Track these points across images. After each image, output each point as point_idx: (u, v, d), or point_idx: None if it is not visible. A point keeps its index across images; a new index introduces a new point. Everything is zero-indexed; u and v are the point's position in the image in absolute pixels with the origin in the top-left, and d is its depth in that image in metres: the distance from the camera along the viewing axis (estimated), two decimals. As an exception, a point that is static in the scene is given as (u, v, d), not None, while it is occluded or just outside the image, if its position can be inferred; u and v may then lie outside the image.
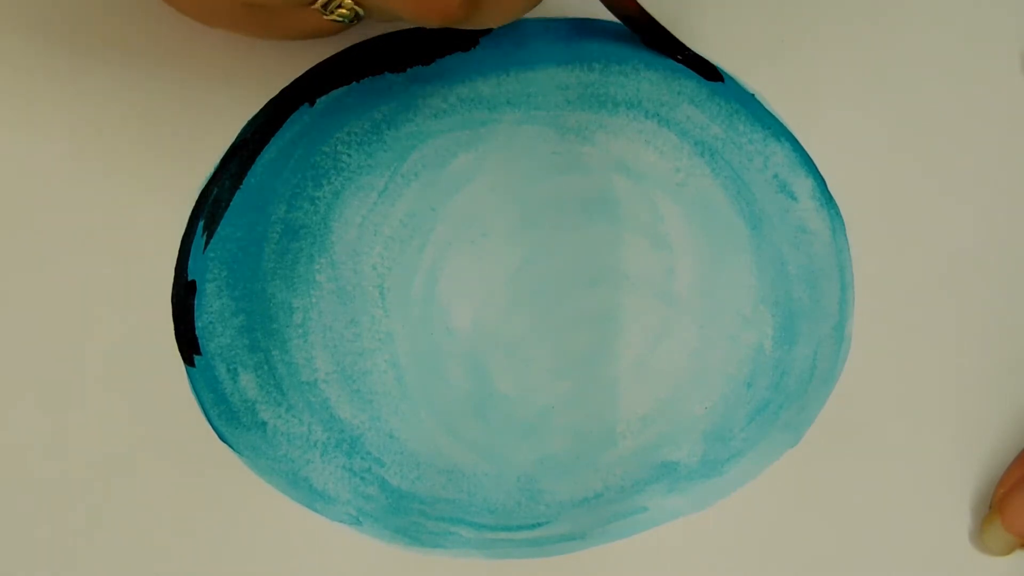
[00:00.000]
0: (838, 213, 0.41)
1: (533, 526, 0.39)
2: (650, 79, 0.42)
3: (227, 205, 0.40)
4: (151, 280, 0.40)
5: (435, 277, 0.40)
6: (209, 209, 0.40)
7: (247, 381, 0.39)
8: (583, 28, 0.42)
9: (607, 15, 0.42)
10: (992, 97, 0.42)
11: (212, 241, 0.40)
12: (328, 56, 0.42)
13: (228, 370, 0.39)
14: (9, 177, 0.40)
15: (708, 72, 0.42)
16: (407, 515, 0.39)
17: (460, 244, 0.41)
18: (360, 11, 0.35)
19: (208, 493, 0.39)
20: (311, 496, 0.39)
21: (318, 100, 0.41)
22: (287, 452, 0.39)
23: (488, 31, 0.42)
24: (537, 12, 0.42)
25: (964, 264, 0.41)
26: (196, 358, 0.40)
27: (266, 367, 0.40)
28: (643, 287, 0.41)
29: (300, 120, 0.41)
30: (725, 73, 0.42)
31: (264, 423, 0.39)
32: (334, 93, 0.41)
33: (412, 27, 0.42)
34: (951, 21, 0.43)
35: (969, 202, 0.42)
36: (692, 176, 0.41)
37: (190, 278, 0.40)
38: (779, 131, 0.42)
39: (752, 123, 0.42)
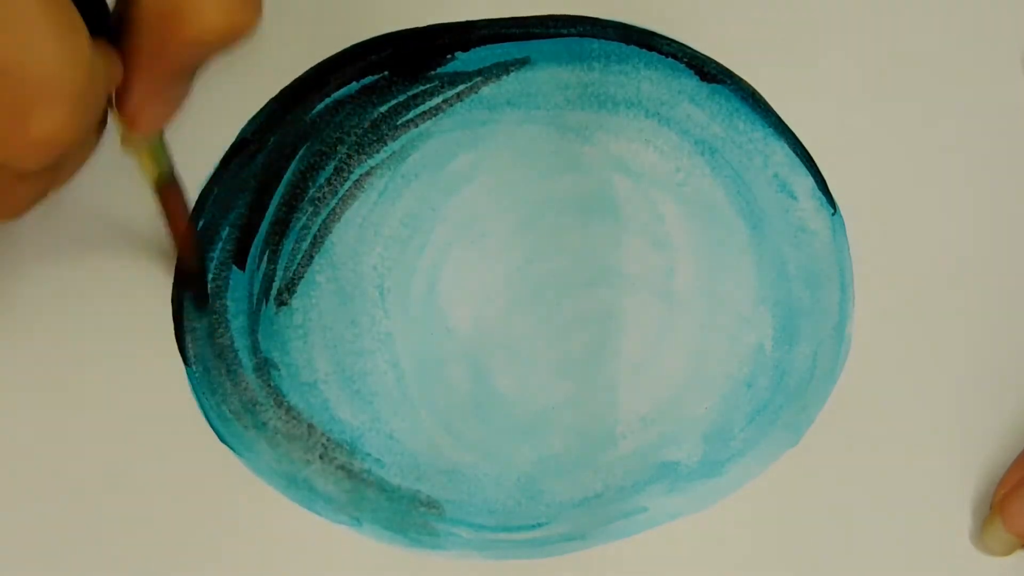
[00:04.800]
0: (838, 212, 0.41)
1: (533, 526, 0.39)
2: (650, 78, 0.42)
3: (229, 206, 0.40)
4: (151, 280, 0.40)
5: (435, 277, 0.40)
6: (210, 210, 0.40)
7: (247, 382, 0.39)
8: (583, 28, 0.42)
9: (607, 14, 0.42)
10: (992, 97, 0.42)
11: (212, 241, 0.40)
12: (329, 56, 0.41)
13: (228, 371, 0.39)
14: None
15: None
16: (407, 515, 0.39)
17: (460, 244, 0.41)
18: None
19: (208, 494, 0.39)
20: (311, 497, 0.39)
21: (318, 100, 0.41)
22: (287, 453, 0.39)
23: (488, 35, 0.42)
24: (537, 11, 0.42)
25: (964, 264, 0.41)
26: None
27: (266, 368, 0.40)
28: (643, 287, 0.41)
29: (301, 120, 0.41)
30: (726, 71, 0.42)
31: (264, 424, 0.39)
32: (334, 93, 0.41)
33: (413, 27, 0.42)
34: (951, 21, 0.43)
35: (969, 202, 0.42)
36: (692, 176, 0.41)
37: (190, 278, 0.40)
38: (779, 130, 0.42)
39: (752, 122, 0.42)
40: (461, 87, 0.42)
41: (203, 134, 0.41)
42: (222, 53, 0.30)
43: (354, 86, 0.41)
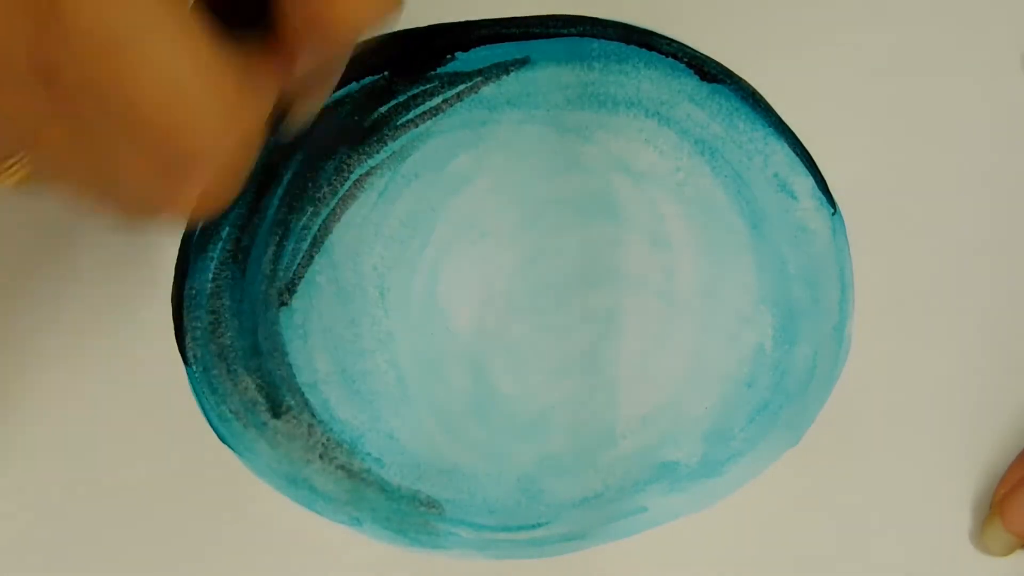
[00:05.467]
0: (838, 212, 0.41)
1: (533, 526, 0.39)
2: (650, 78, 0.42)
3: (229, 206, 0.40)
4: (151, 280, 0.40)
5: (435, 277, 0.40)
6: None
7: (247, 382, 0.39)
8: (583, 28, 0.42)
9: (607, 14, 0.42)
10: (992, 97, 0.42)
11: (212, 241, 0.40)
12: (328, 56, 0.41)
13: (228, 371, 0.39)
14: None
15: None
16: (407, 515, 0.39)
17: (460, 244, 0.41)
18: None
19: (208, 493, 0.39)
20: (311, 496, 0.39)
21: (318, 100, 0.41)
22: (287, 453, 0.39)
23: (488, 35, 0.42)
24: (537, 11, 0.42)
25: (964, 264, 0.41)
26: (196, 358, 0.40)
27: (266, 368, 0.40)
28: (643, 287, 0.41)
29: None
30: (726, 71, 0.42)
31: (264, 424, 0.39)
32: (334, 93, 0.41)
33: (413, 27, 0.42)
34: (951, 21, 0.43)
35: (969, 201, 0.42)
36: (692, 175, 0.41)
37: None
38: (779, 130, 0.42)
39: (752, 121, 0.42)
40: (461, 87, 0.42)
41: (203, 134, 0.41)
42: (371, 32, 0.28)
43: (354, 86, 0.41)
